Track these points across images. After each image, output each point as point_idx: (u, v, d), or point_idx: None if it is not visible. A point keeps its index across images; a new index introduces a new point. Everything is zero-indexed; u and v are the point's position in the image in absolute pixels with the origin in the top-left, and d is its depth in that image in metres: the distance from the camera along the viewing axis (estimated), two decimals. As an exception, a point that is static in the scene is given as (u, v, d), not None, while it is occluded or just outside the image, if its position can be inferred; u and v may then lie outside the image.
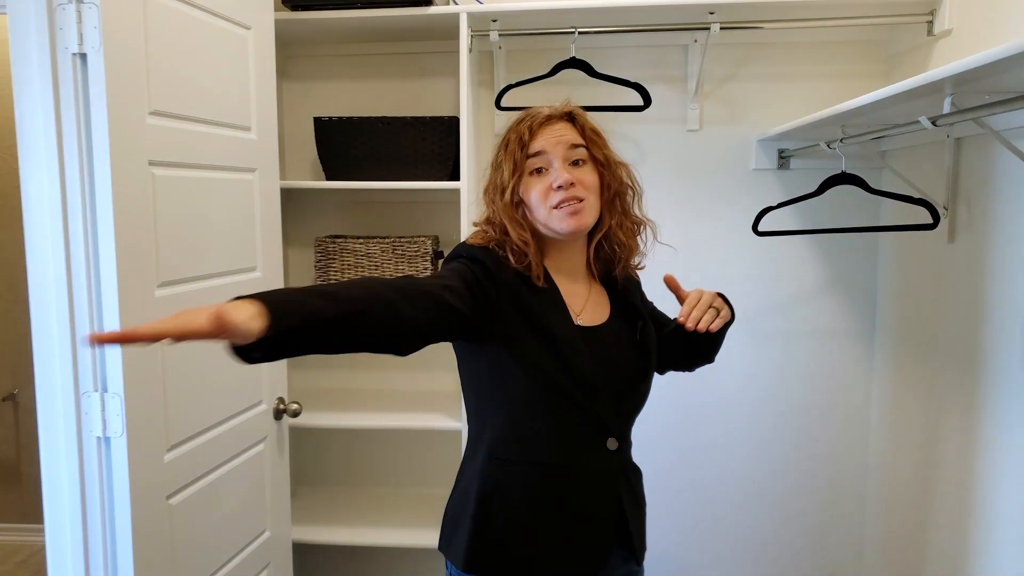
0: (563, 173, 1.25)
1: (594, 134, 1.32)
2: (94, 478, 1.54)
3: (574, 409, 1.27)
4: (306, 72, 2.52)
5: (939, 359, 1.97)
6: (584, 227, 1.28)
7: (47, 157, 1.49)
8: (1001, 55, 1.08)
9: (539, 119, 1.30)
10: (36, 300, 1.54)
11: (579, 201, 1.25)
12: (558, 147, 1.27)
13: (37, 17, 1.46)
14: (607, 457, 1.31)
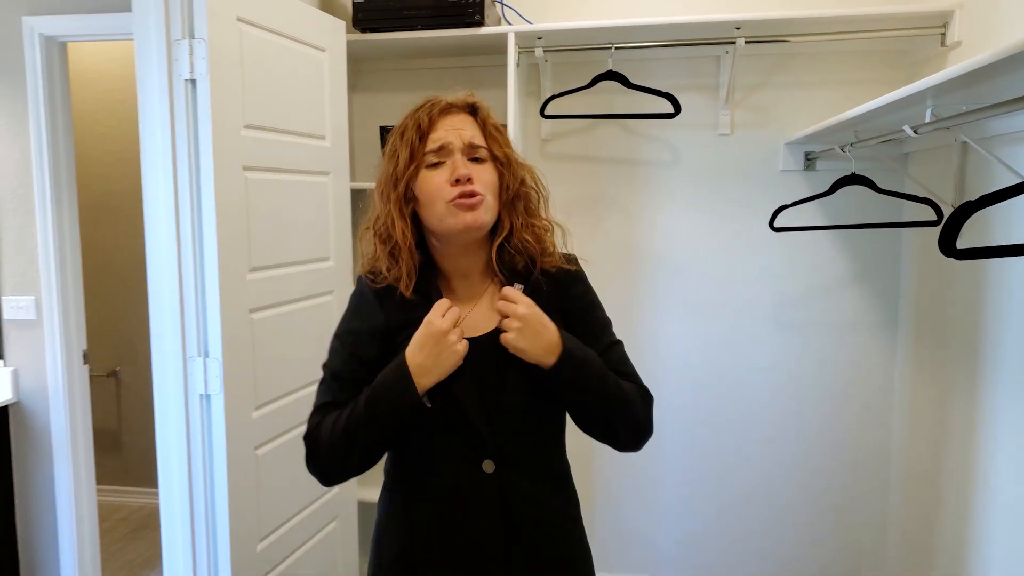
0: (461, 166, 1.15)
1: (495, 130, 1.22)
2: (197, 429, 1.86)
3: (442, 428, 1.19)
4: (372, 85, 2.82)
5: (954, 349, 2.13)
6: (481, 224, 1.16)
7: (164, 163, 1.82)
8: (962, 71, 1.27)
9: (439, 107, 1.20)
10: (153, 281, 1.86)
11: (480, 196, 1.15)
12: (456, 139, 1.17)
13: (158, 50, 1.79)
14: (483, 481, 1.19)
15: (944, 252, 1.02)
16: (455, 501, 1.21)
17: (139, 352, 3.77)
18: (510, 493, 1.20)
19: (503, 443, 1.19)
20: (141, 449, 3.85)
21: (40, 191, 2.67)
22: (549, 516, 1.24)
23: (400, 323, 1.20)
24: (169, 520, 1.90)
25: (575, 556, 1.28)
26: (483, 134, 1.21)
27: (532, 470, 1.23)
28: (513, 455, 1.20)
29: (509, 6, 2.63)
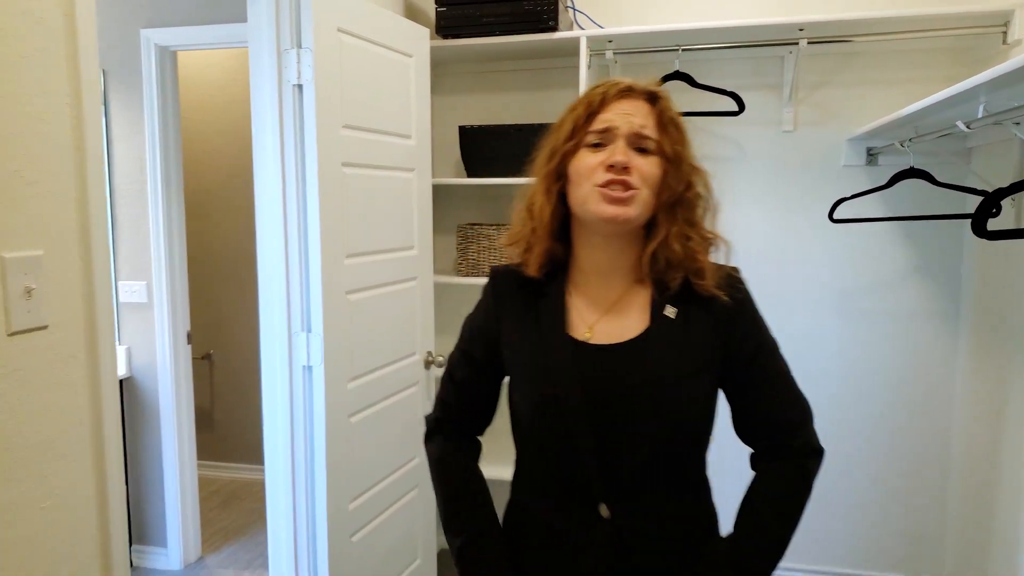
0: (620, 152, 1.05)
1: (672, 125, 1.10)
2: (299, 397, 2.08)
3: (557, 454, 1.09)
4: (452, 87, 3.02)
5: (1016, 338, 2.19)
6: (624, 219, 1.06)
7: (273, 159, 2.04)
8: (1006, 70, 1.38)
9: (616, 89, 1.10)
10: (263, 264, 2.09)
11: (632, 191, 1.05)
12: (626, 124, 1.06)
13: (269, 59, 2.01)
14: (595, 523, 1.07)
15: (975, 233, 1.13)
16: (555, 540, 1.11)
17: (230, 336, 4.07)
18: (626, 541, 1.07)
19: (625, 482, 1.06)
20: (232, 427, 4.16)
21: (152, 186, 2.96)
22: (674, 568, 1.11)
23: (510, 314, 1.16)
24: (273, 477, 2.13)
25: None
26: (657, 125, 1.08)
27: (658, 514, 1.09)
28: (633, 499, 1.07)
29: (581, 11, 2.79)
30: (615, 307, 1.12)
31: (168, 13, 2.90)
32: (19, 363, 1.18)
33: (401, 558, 2.50)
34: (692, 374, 1.07)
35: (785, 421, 1.13)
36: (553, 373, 1.09)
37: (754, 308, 1.16)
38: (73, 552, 1.29)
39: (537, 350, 1.12)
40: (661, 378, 1.06)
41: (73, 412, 1.29)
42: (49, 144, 1.23)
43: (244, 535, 3.44)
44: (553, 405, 1.07)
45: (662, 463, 1.08)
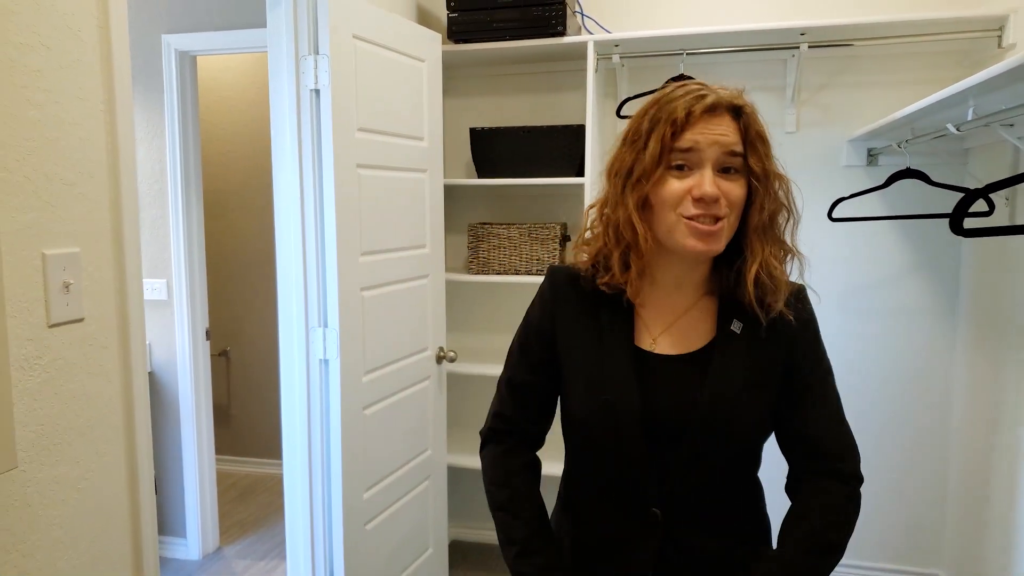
0: (709, 184, 1.01)
1: (758, 138, 1.04)
2: (316, 388, 2.17)
3: (612, 460, 1.10)
4: (463, 90, 3.10)
5: (1008, 334, 2.25)
6: (713, 253, 1.05)
7: (291, 161, 2.12)
8: (986, 76, 1.44)
9: (702, 107, 1.02)
10: (281, 262, 2.18)
11: (717, 221, 1.02)
12: (713, 148, 1.01)
13: (288, 64, 2.10)
14: (646, 531, 1.09)
15: (953, 231, 1.20)
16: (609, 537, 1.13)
17: (247, 334, 4.17)
18: (676, 544, 1.09)
19: (676, 488, 1.08)
20: (249, 422, 4.26)
21: (172, 187, 3.05)
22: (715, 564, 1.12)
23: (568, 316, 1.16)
24: (291, 466, 2.21)
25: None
26: (744, 142, 1.03)
27: (705, 518, 1.10)
28: (684, 504, 1.08)
29: (589, 16, 2.87)
30: (682, 319, 1.11)
31: (188, 19, 2.99)
32: (59, 352, 1.26)
33: (413, 548, 2.58)
34: (753, 389, 1.07)
35: (839, 446, 1.12)
36: (614, 380, 1.08)
37: (816, 329, 1.15)
38: (106, 530, 1.38)
39: (599, 357, 1.11)
40: (722, 392, 1.06)
41: (107, 399, 1.37)
42: (85, 148, 1.32)
43: (261, 527, 3.53)
44: (612, 412, 1.07)
45: (717, 473, 1.09)
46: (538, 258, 2.85)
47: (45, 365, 1.24)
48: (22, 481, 1.20)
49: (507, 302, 3.15)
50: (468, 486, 3.27)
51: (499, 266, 2.90)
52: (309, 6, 2.07)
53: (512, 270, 2.89)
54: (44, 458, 1.24)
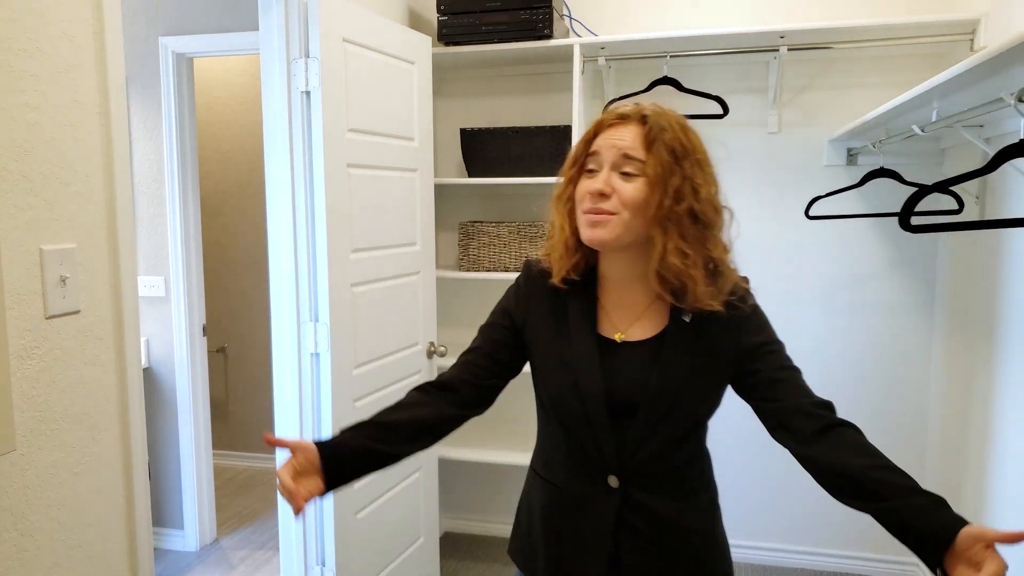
0: (597, 182, 1.14)
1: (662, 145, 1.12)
2: (308, 381, 2.24)
3: (577, 432, 1.23)
4: (454, 91, 3.17)
5: (977, 325, 2.32)
6: (600, 241, 1.16)
7: (283, 161, 2.19)
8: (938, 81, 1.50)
9: (612, 116, 1.18)
10: (273, 259, 2.24)
11: (605, 214, 1.14)
12: (611, 150, 1.14)
13: (280, 67, 2.16)
14: (606, 494, 1.22)
15: (902, 227, 1.26)
16: (571, 503, 1.25)
17: (245, 331, 4.24)
18: (630, 511, 1.21)
19: (631, 459, 1.20)
20: (247, 418, 4.33)
21: (170, 186, 3.12)
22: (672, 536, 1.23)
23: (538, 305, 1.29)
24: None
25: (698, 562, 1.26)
26: (644, 147, 1.13)
27: (660, 488, 1.22)
28: (639, 475, 1.21)
29: (576, 19, 2.93)
30: (643, 312, 1.23)
31: (185, 22, 3.06)
32: (56, 343, 1.33)
33: (404, 537, 2.64)
34: (699, 372, 1.19)
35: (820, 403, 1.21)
36: (580, 364, 1.21)
37: (761, 315, 1.26)
38: (102, 513, 1.45)
39: (567, 344, 1.24)
40: (671, 375, 1.18)
41: (102, 388, 1.44)
42: (81, 149, 1.38)
43: (258, 519, 3.60)
44: (578, 391, 1.21)
45: (667, 445, 1.20)
46: (527, 256, 2.92)
47: (43, 355, 1.31)
48: (21, 464, 1.27)
49: (498, 298, 3.21)
50: (461, 478, 3.34)
51: (489, 263, 2.97)
52: (300, 11, 2.14)
53: (502, 267, 2.95)
54: (42, 442, 1.31)
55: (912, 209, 1.23)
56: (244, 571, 3.08)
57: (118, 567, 1.49)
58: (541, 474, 1.33)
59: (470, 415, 1.33)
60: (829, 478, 1.15)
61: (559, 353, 1.24)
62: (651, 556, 1.23)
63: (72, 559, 1.38)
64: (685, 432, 1.22)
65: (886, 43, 2.52)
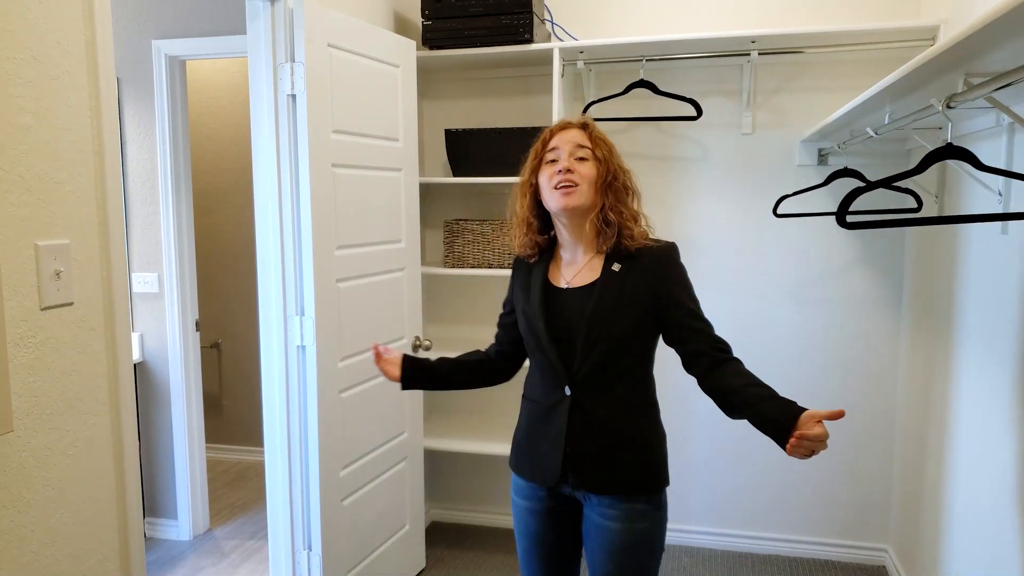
0: (562, 163, 1.58)
1: (599, 139, 1.62)
2: (294, 373, 2.33)
3: (541, 358, 1.66)
4: (439, 92, 3.26)
5: (937, 319, 2.41)
6: (573, 206, 1.57)
7: (270, 161, 2.28)
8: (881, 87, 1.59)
9: (559, 125, 1.66)
10: (261, 255, 2.33)
11: (572, 185, 1.56)
12: (568, 144, 1.60)
13: (266, 71, 2.25)
14: (561, 400, 1.62)
15: (839, 223, 1.35)
16: (542, 412, 1.68)
17: (238, 327, 4.33)
18: (578, 412, 1.61)
19: (578, 372, 1.60)
20: (239, 412, 4.42)
21: (163, 185, 3.20)
22: (609, 434, 1.60)
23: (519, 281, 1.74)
24: (271, 444, 2.37)
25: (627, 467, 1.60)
26: (589, 141, 1.61)
27: (604, 399, 1.60)
28: (585, 384, 1.60)
29: (558, 24, 3.02)
30: (584, 269, 1.64)
31: (178, 25, 3.15)
32: (50, 333, 1.42)
33: (390, 524, 2.74)
34: (624, 305, 1.59)
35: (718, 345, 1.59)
36: (532, 307, 1.66)
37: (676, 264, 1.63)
38: (93, 493, 1.54)
39: (527, 295, 1.69)
40: (600, 307, 1.58)
41: (94, 375, 1.53)
42: (74, 150, 1.47)
43: (250, 510, 3.69)
44: (532, 327, 1.66)
45: (601, 360, 1.59)
46: (510, 252, 3.01)
47: (38, 343, 1.40)
48: (18, 445, 1.36)
49: (482, 294, 3.31)
50: (447, 469, 3.43)
51: (474, 260, 3.06)
52: (286, 18, 2.23)
53: (486, 264, 3.04)
54: (37, 426, 1.40)
55: (847, 208, 1.32)
56: (235, 559, 3.17)
57: (109, 544, 1.58)
58: (527, 396, 1.75)
59: (508, 368, 1.87)
60: (722, 397, 1.55)
61: (524, 303, 1.70)
62: (590, 450, 1.61)
63: (65, 536, 1.47)
64: (616, 350, 1.59)
65: (854, 48, 2.62)
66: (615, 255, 1.61)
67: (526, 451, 1.72)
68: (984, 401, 2.00)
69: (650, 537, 1.62)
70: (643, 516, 1.60)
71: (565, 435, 1.61)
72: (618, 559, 1.60)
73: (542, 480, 1.67)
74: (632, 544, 1.60)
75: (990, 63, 1.30)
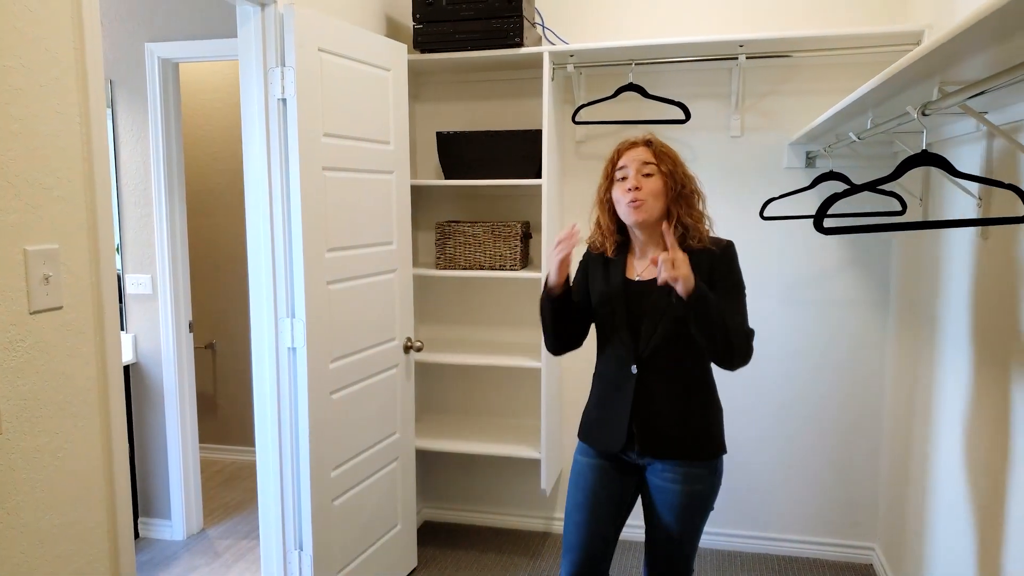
0: (632, 180, 1.79)
1: (663, 154, 1.83)
2: (285, 374, 2.35)
3: (613, 339, 1.89)
4: (431, 95, 3.28)
5: (922, 320, 2.44)
6: (642, 219, 1.80)
7: (261, 164, 2.30)
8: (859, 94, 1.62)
9: (626, 145, 1.88)
10: (252, 258, 2.35)
11: (640, 201, 1.79)
12: (634, 163, 1.81)
13: (257, 75, 2.27)
14: (629, 377, 1.86)
15: (816, 228, 1.37)
16: (612, 388, 1.90)
17: (232, 327, 4.34)
18: (643, 389, 1.84)
19: (642, 354, 1.83)
20: (234, 412, 4.43)
21: (156, 186, 3.22)
22: (670, 407, 1.83)
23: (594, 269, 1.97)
24: (263, 445, 2.40)
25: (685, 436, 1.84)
26: (655, 157, 1.82)
27: (665, 376, 1.84)
28: (650, 363, 1.83)
29: (548, 28, 3.04)
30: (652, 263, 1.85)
31: (171, 28, 3.16)
32: (39, 336, 1.44)
33: (382, 524, 2.76)
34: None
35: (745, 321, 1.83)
36: (612, 292, 1.88)
37: (731, 259, 1.84)
38: (83, 495, 1.56)
39: (608, 283, 1.91)
40: (666, 293, 1.77)
41: (84, 379, 1.55)
42: (63, 156, 1.49)
43: (244, 510, 3.71)
44: (614, 311, 1.87)
45: (666, 341, 1.81)
46: (501, 254, 3.03)
47: (27, 347, 1.42)
48: (7, 448, 1.38)
49: (474, 296, 3.33)
50: (440, 469, 3.46)
51: (465, 262, 3.08)
52: (276, 22, 2.25)
53: (477, 265, 3.06)
54: (27, 428, 1.42)
55: (825, 213, 1.34)
56: (228, 559, 3.19)
57: (99, 545, 1.60)
58: (598, 372, 1.97)
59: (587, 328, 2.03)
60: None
61: (605, 289, 1.91)
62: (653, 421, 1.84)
63: (55, 537, 1.49)
64: (674, 335, 1.80)
65: (840, 52, 2.64)
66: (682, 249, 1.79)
67: (595, 422, 1.95)
68: (964, 402, 2.03)
69: (705, 498, 1.86)
70: (699, 479, 1.84)
71: (631, 408, 1.84)
72: (678, 517, 1.85)
73: (608, 447, 1.90)
74: (689, 504, 1.84)
75: (963, 71, 1.32)
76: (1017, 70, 1.11)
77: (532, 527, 3.42)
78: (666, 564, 1.92)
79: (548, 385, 2.95)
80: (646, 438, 1.84)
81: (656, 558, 1.94)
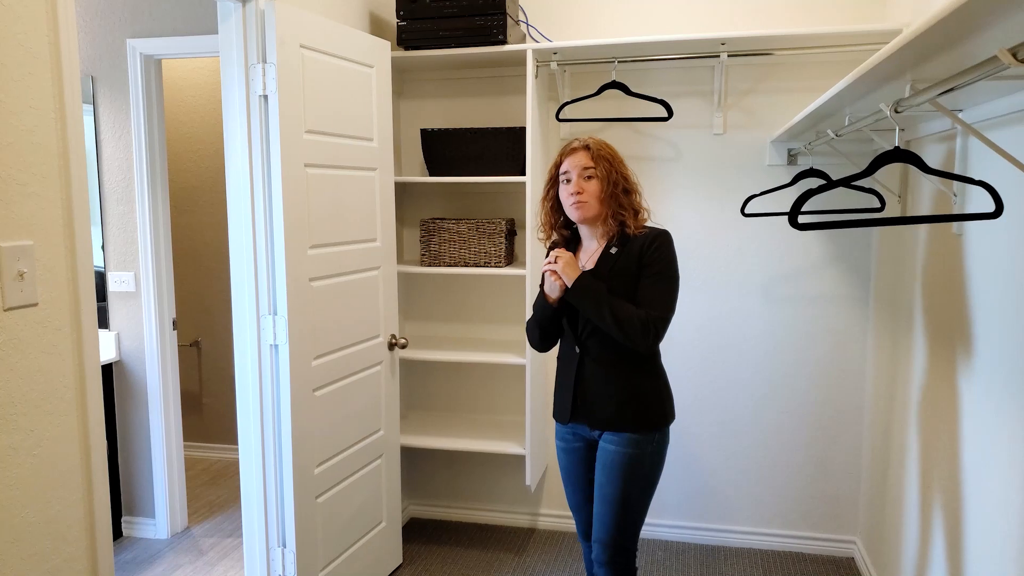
0: (575, 184, 2.01)
1: (600, 157, 2.01)
2: (268, 371, 2.34)
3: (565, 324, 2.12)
4: (415, 92, 3.28)
5: (901, 315, 2.46)
6: (584, 217, 2.03)
7: (242, 161, 2.29)
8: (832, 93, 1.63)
9: (567, 150, 2.06)
10: (234, 255, 2.34)
11: (582, 202, 2.01)
12: (576, 168, 2.02)
13: (238, 72, 2.26)
14: (574, 356, 2.11)
15: (791, 224, 1.39)
16: (564, 364, 2.14)
17: (217, 325, 4.33)
18: (583, 367, 2.08)
19: (581, 336, 2.07)
20: (219, 410, 4.42)
21: (139, 184, 3.21)
22: (605, 383, 2.05)
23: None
24: (246, 442, 2.39)
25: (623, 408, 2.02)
26: (593, 161, 2.00)
27: (602, 355, 2.04)
28: (588, 345, 2.06)
29: (533, 26, 3.05)
30: (595, 253, 2.06)
31: (153, 24, 3.15)
32: (14, 333, 1.44)
33: (366, 521, 2.76)
34: (617, 276, 1.99)
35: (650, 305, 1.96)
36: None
37: (660, 246, 1.99)
38: (60, 493, 1.55)
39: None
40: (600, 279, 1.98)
41: (60, 375, 1.55)
42: (38, 152, 1.48)
43: (228, 509, 3.70)
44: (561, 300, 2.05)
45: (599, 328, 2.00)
46: (485, 251, 3.03)
47: (2, 344, 1.41)
48: (-18, 445, 1.38)
49: (459, 293, 3.34)
50: (426, 466, 3.46)
51: (450, 259, 3.08)
52: (257, 19, 2.24)
53: (462, 262, 3.07)
54: (2, 426, 1.41)
55: (799, 209, 1.36)
56: (212, 557, 3.19)
57: (76, 542, 1.60)
58: (559, 354, 2.18)
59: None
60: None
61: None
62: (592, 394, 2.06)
63: (32, 534, 1.49)
64: None
65: (821, 50, 2.66)
66: (616, 241, 2.03)
67: (555, 395, 2.19)
68: (938, 397, 2.05)
69: (639, 461, 2.01)
70: (635, 444, 2.01)
71: (574, 382, 2.08)
72: (610, 477, 2.02)
73: (560, 417, 2.16)
74: (622, 463, 2.01)
75: (934, 69, 1.34)
76: (983, 67, 1.12)
77: (517, 523, 3.43)
78: (602, 530, 2.05)
79: (533, 382, 2.96)
80: (587, 409, 2.08)
81: (597, 525, 2.07)
